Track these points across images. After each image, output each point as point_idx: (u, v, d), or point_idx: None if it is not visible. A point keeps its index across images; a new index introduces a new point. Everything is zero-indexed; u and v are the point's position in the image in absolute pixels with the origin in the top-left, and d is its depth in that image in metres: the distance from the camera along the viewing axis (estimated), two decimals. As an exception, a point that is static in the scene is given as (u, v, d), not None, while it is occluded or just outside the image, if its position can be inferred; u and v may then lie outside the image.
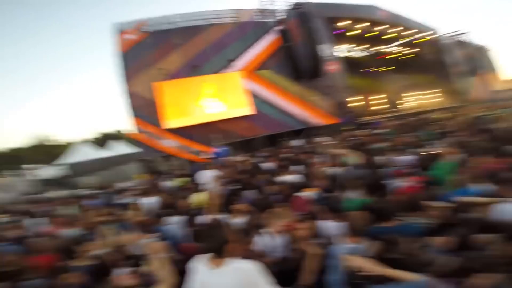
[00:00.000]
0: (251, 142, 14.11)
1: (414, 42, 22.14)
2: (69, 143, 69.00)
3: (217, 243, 1.56)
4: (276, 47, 15.46)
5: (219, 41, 14.78)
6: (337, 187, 3.89)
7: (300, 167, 5.44)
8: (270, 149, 9.51)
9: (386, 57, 24.42)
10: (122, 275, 2.09)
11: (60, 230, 4.37)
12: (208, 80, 14.19)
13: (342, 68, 16.56)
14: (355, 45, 22.62)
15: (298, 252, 2.46)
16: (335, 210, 2.82)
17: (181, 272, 2.27)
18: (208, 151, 12.53)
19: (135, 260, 2.45)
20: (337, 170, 4.74)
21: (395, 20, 19.45)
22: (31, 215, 5.80)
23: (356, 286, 1.71)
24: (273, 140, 13.71)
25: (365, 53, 24.43)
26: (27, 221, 5.34)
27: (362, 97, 21.53)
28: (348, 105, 16.52)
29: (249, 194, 4.27)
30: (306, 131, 14.96)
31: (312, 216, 3.14)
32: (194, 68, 14.11)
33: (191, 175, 7.32)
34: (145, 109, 13.44)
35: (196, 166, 10.12)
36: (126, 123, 13.26)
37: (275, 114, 15.09)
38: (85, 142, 32.03)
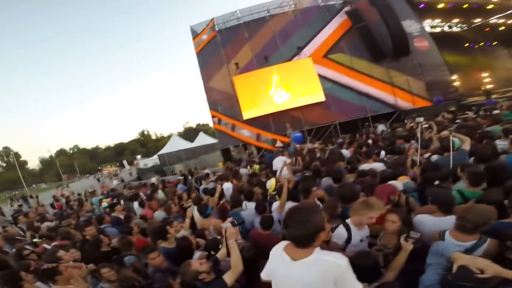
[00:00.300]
0: (326, 129, 13.60)
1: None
2: (163, 136, 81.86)
3: (306, 231, 1.29)
4: (346, 29, 14.11)
5: (284, 30, 14.65)
6: (439, 176, 3.19)
7: (389, 154, 4.74)
8: (350, 135, 8.68)
9: (488, 30, 19.68)
10: (197, 259, 2.17)
11: (154, 213, 5.03)
12: (278, 69, 14.11)
13: (436, 45, 13.93)
14: (448, 18, 18.91)
15: (385, 247, 2.16)
16: (437, 203, 2.33)
17: (250, 260, 2.29)
18: (282, 139, 12.63)
19: (214, 244, 2.54)
20: (440, 156, 3.89)
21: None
22: (132, 199, 6.66)
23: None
24: (351, 126, 12.63)
25: (465, 26, 19.94)
26: (128, 204, 6.44)
27: (464, 75, 17.79)
28: (448, 84, 13.83)
29: (326, 181, 3.95)
30: (392, 115, 13.33)
31: (405, 208, 2.69)
32: (265, 59, 14.37)
33: (266, 162, 7.44)
34: (223, 102, 14.59)
35: (271, 153, 10.32)
36: (207, 116, 14.75)
37: (352, 98, 13.82)
38: (175, 135, 36.90)
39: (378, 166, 4.02)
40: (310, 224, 1.29)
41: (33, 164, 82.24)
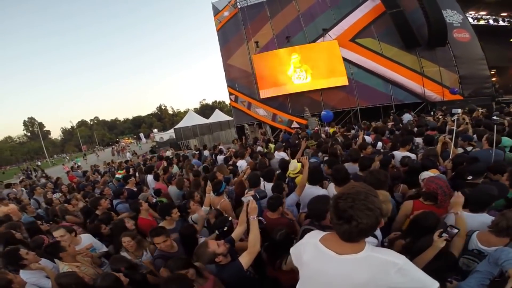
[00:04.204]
0: (346, 114, 13.21)
1: None
2: (179, 111, 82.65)
3: (375, 219, 1.04)
4: (378, 14, 13.14)
5: (310, 10, 13.97)
6: (473, 170, 2.93)
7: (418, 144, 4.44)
8: (376, 122, 8.28)
9: None
10: (214, 241, 1.97)
11: (168, 187, 4.93)
12: (300, 50, 13.53)
13: (477, 37, 12.80)
14: (497, 11, 17.23)
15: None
16: (474, 200, 2.06)
17: (280, 244, 2.08)
18: (299, 121, 12.39)
19: (220, 224, 2.37)
20: (477, 150, 3.59)
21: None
22: (147, 171, 6.34)
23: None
24: (373, 113, 12.14)
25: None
26: (143, 177, 6.35)
27: (504, 71, 16.38)
28: (484, 79, 12.78)
29: (349, 167, 3.71)
30: (417, 106, 12.65)
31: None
32: (286, 39, 13.85)
33: (283, 142, 7.28)
34: (241, 80, 14.38)
35: (288, 134, 10.13)
36: (225, 94, 14.62)
37: (377, 85, 13.14)
38: (192, 111, 37.03)
39: (412, 155, 3.75)
40: (377, 211, 1.04)
41: (56, 134, 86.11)
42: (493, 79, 14.65)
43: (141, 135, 52.81)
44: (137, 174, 6.73)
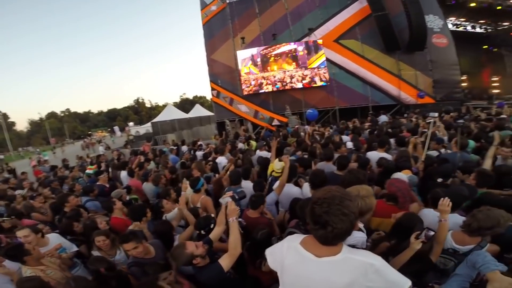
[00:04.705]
0: (325, 114, 13.45)
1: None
2: (158, 105, 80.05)
3: (350, 224, 1.06)
4: (364, 16, 13.39)
5: (298, 9, 13.93)
6: (442, 172, 3.10)
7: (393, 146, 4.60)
8: (352, 122, 8.48)
9: None
10: (192, 242, 1.89)
11: (143, 184, 4.65)
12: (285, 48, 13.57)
13: (454, 43, 13.41)
14: (475, 18, 18.11)
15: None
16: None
17: (260, 244, 2.04)
18: (280, 118, 12.48)
19: (205, 223, 2.29)
20: (446, 153, 3.79)
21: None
22: (120, 167, 6.01)
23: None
24: (351, 114, 12.49)
25: (490, 28, 19.32)
26: (116, 173, 6.01)
27: (474, 77, 17.42)
28: (455, 84, 13.55)
29: (323, 166, 3.78)
30: (392, 108, 13.17)
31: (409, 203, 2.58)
32: (273, 36, 13.81)
33: (264, 139, 7.28)
34: (224, 76, 14.20)
35: (269, 131, 10.16)
36: (207, 89, 14.35)
37: (356, 86, 13.51)
38: (171, 105, 35.96)
39: (388, 156, 3.88)
40: (352, 215, 1.06)
41: (22, 126, 79.88)
42: (464, 84, 15.54)
43: (116, 128, 50.64)
44: (109, 170, 6.39)
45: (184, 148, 8.54)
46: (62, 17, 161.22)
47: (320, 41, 13.34)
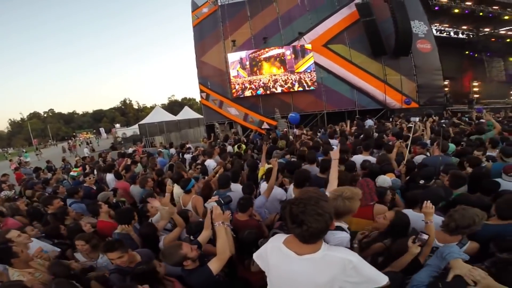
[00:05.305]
0: (313, 117, 13.68)
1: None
2: (145, 107, 78.57)
3: (325, 224, 1.13)
4: (352, 21, 13.75)
5: (289, 13, 14.14)
6: (424, 175, 3.23)
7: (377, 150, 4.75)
8: (340, 126, 8.66)
9: (500, 40, 19.75)
10: (188, 244, 1.92)
11: (130, 187, 4.63)
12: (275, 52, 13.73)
13: (437, 48, 13.92)
14: (457, 24, 18.79)
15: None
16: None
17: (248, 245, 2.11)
18: (269, 122, 12.55)
19: (197, 228, 2.31)
20: (427, 157, 3.95)
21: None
22: (106, 170, 5.81)
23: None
24: (338, 118, 12.73)
25: (472, 34, 20.15)
26: (101, 176, 5.91)
27: (456, 82, 18.15)
28: (438, 89, 14.06)
29: (309, 169, 3.84)
30: (378, 112, 13.55)
31: (392, 205, 2.69)
32: (263, 40, 13.94)
33: (252, 142, 7.31)
34: (214, 78, 14.18)
35: (258, 135, 10.22)
36: (196, 91, 14.29)
37: (344, 90, 13.82)
38: (159, 106, 35.35)
39: (372, 159, 4.03)
40: (326, 215, 1.13)
41: (2, 126, 76.49)
42: (446, 89, 16.11)
43: (102, 129, 49.50)
44: (95, 172, 6.26)
45: (172, 150, 8.49)
46: (46, 16, 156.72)
47: (308, 46, 13.55)
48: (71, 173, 6.55)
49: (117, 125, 48.09)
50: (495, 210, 2.15)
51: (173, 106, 64.04)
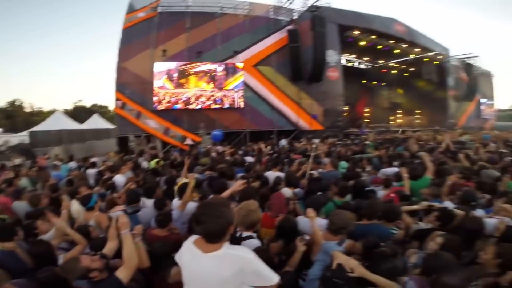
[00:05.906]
0: (237, 135, 14.10)
1: (423, 59, 20.88)
2: (41, 111, 64.74)
3: (221, 225, 1.32)
4: (282, 45, 15.12)
5: (228, 31, 14.55)
6: (320, 187, 3.85)
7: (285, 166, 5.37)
8: (257, 144, 9.36)
9: (389, 71, 24.85)
10: (87, 256, 1.81)
11: (12, 203, 3.93)
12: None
13: (343, 77, 16.49)
14: (362, 55, 22.60)
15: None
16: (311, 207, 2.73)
17: (159, 257, 2.12)
18: (193, 137, 12.27)
19: (102, 243, 2.16)
20: (322, 172, 4.71)
21: (410, 36, 18.84)
22: None
23: (336, 285, 1.65)
24: (259, 137, 13.60)
25: (370, 65, 24.82)
26: None
27: (354, 107, 21.97)
28: (339, 114, 16.61)
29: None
30: (291, 133, 15.02)
31: (293, 213, 3.10)
32: (198, 54, 13.84)
33: (170, 158, 7.07)
34: (134, 86, 13.18)
35: (178, 150, 9.89)
36: (110, 98, 12.82)
37: (266, 111, 14.92)
38: (60, 112, 29.65)
39: (282, 174, 4.51)
40: (224, 219, 1.33)
41: None
42: (345, 114, 18.91)
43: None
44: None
45: (72, 164, 7.39)
46: None
47: (240, 64, 14.20)
48: None
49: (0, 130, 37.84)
50: (362, 212, 2.75)
51: (80, 113, 54.79)
